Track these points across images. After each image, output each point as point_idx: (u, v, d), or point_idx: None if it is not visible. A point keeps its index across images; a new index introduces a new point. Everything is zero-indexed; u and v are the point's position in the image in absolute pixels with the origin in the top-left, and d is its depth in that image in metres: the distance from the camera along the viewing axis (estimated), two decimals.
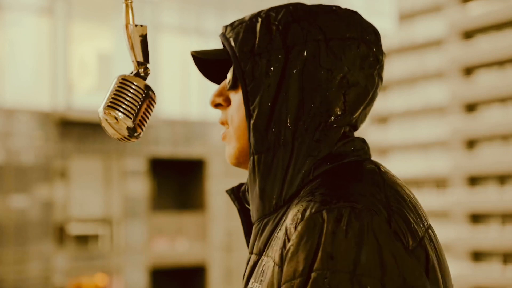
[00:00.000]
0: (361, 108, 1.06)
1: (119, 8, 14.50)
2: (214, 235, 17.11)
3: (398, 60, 44.69)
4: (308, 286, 0.89)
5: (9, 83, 14.89)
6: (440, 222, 39.84)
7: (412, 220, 0.95)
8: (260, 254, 1.05)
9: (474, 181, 39.89)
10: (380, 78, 1.09)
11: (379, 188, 0.97)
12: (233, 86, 1.10)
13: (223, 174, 17.07)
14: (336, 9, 1.08)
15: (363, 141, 1.08)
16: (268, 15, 1.07)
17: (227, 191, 1.17)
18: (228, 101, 1.12)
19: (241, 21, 1.09)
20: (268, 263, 0.99)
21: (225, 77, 1.15)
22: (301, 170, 1.02)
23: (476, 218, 39.21)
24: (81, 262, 15.26)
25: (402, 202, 0.97)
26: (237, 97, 1.09)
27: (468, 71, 40.99)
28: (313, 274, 0.89)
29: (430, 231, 1.00)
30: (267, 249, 1.02)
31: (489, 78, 39.63)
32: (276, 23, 1.05)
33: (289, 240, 0.94)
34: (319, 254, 0.89)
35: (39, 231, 14.79)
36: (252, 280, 1.03)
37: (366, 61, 1.05)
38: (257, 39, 1.05)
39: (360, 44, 1.05)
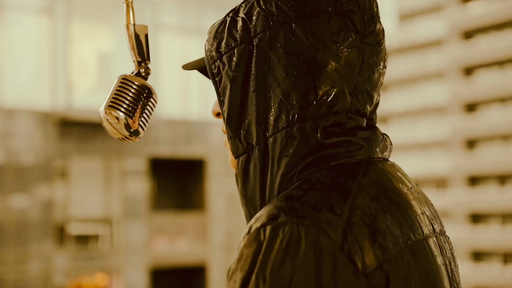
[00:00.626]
0: (345, 88, 0.92)
1: (119, 8, 14.51)
2: (214, 235, 17.11)
3: (398, 60, 44.70)
4: None
5: (9, 83, 14.89)
6: None
7: (379, 238, 0.83)
8: None
9: (474, 181, 39.90)
10: (371, 47, 0.94)
11: (344, 200, 0.84)
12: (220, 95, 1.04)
13: (223, 174, 17.07)
14: None
15: (367, 138, 0.93)
16: (237, 9, 0.98)
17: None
18: None
19: (218, 21, 1.02)
20: None
21: None
22: (278, 172, 0.91)
23: (476, 218, 39.22)
24: (81, 262, 15.27)
25: (373, 216, 0.84)
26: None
27: (468, 71, 41.00)
28: None
29: (424, 243, 0.88)
30: None
31: (489, 78, 39.64)
32: (243, 14, 0.96)
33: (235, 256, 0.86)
34: (253, 276, 0.80)
35: (39, 231, 14.79)
36: None
37: (342, 33, 0.91)
38: (224, 37, 0.97)
39: (331, 16, 0.92)
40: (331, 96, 0.91)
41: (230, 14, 0.98)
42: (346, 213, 0.83)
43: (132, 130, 1.07)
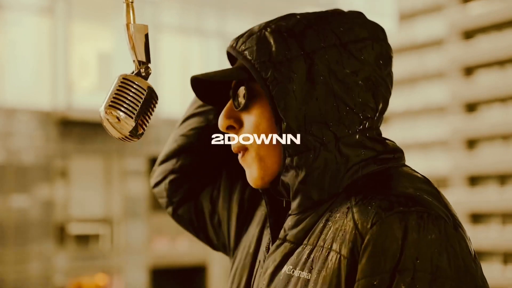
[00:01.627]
0: (386, 107, 1.09)
1: (119, 8, 14.50)
2: None
3: (399, 60, 44.68)
4: (394, 283, 0.93)
5: (10, 82, 14.89)
6: None
7: (465, 229, 1.01)
8: (297, 243, 1.05)
9: (474, 181, 39.89)
10: (392, 76, 1.11)
11: (437, 197, 1.01)
12: (246, 107, 1.10)
13: None
14: (341, 12, 1.10)
15: (399, 147, 1.12)
16: (278, 25, 1.07)
17: (261, 191, 1.15)
18: (239, 123, 1.11)
19: (250, 33, 1.09)
20: (324, 253, 1.00)
21: (225, 98, 1.16)
22: (347, 169, 1.04)
23: (476, 218, 39.21)
24: (82, 262, 15.26)
25: (453, 211, 1.02)
26: (252, 118, 1.09)
27: (469, 71, 40.99)
28: (397, 273, 0.93)
29: None
30: (310, 238, 1.04)
31: (489, 78, 39.63)
32: (289, 31, 1.06)
33: (361, 236, 0.96)
34: (404, 254, 0.93)
35: (40, 231, 14.79)
36: (289, 266, 1.04)
37: (383, 59, 1.07)
38: (273, 48, 1.05)
39: (373, 43, 1.07)
40: (383, 111, 1.08)
41: (272, 27, 1.07)
42: (444, 208, 1.00)
43: (132, 129, 1.08)
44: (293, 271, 1.03)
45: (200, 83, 1.16)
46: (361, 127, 1.05)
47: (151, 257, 16.16)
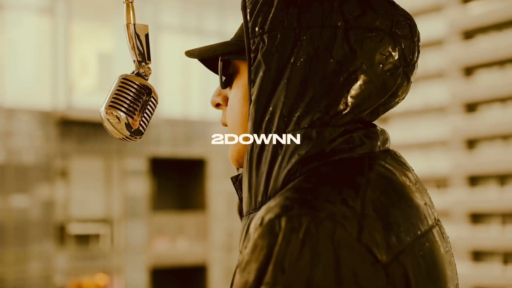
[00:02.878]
0: (371, 107, 0.94)
1: (119, 8, 14.51)
2: (215, 235, 17.11)
3: None
4: None
5: (10, 82, 14.90)
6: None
7: (393, 230, 0.84)
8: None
9: (474, 180, 39.90)
10: (407, 78, 0.96)
11: (356, 193, 0.85)
12: (225, 84, 1.03)
13: (224, 174, 17.07)
14: None
15: (367, 134, 0.95)
16: None
17: (232, 178, 1.07)
18: (226, 100, 1.05)
19: None
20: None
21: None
22: (285, 168, 0.91)
23: (477, 218, 39.22)
24: (82, 262, 15.27)
25: (385, 209, 0.85)
26: (231, 95, 1.02)
27: (469, 71, 41.00)
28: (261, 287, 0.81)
29: (429, 235, 0.90)
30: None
31: (489, 78, 39.64)
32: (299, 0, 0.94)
33: (246, 247, 0.85)
34: (270, 266, 0.80)
35: (40, 231, 14.79)
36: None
37: (389, 57, 0.93)
38: (271, 14, 0.94)
39: (384, 37, 0.93)
40: (357, 112, 0.93)
41: None
42: (359, 206, 0.84)
43: (132, 130, 1.08)
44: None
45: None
46: (316, 121, 0.91)
47: (151, 257, 16.16)
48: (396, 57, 0.94)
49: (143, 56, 1.11)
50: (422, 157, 43.18)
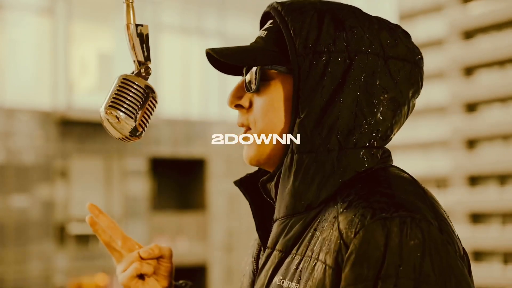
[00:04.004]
0: (398, 131, 1.09)
1: (119, 8, 14.51)
2: (215, 235, 17.11)
3: None
4: None
5: (10, 82, 14.89)
6: None
7: (453, 228, 0.99)
8: (286, 252, 1.03)
9: (474, 181, 39.89)
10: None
11: (424, 199, 0.98)
12: (257, 90, 1.06)
13: (224, 174, 17.07)
14: (394, 27, 1.06)
15: (385, 149, 1.09)
16: (333, 12, 1.03)
17: (235, 182, 1.14)
18: (249, 103, 1.09)
19: (301, 6, 1.04)
20: (312, 263, 0.98)
21: (241, 70, 1.12)
22: (340, 180, 1.02)
23: (477, 218, 39.21)
24: (82, 262, 15.27)
25: (441, 210, 0.99)
26: (262, 100, 1.06)
27: (469, 71, 40.99)
28: (380, 280, 0.91)
29: None
30: (299, 248, 1.02)
31: (489, 78, 39.63)
32: (341, 23, 1.02)
33: (346, 245, 0.94)
34: (386, 261, 0.91)
35: (40, 231, 14.79)
36: (279, 277, 1.02)
37: (414, 85, 1.06)
38: (321, 35, 1.01)
39: (412, 67, 1.05)
40: (392, 134, 1.07)
41: (324, 9, 1.03)
42: (430, 209, 0.97)
43: (132, 130, 1.08)
44: (282, 282, 1.02)
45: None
46: (369, 143, 1.03)
47: None
48: (418, 84, 1.08)
49: (143, 56, 1.11)
50: (422, 157, 43.17)
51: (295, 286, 0.99)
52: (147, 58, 1.11)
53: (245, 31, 17.32)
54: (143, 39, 1.11)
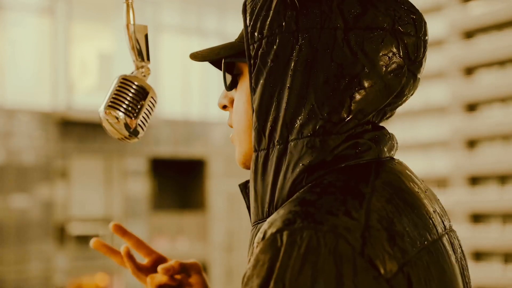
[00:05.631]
0: (375, 110, 0.91)
1: (119, 8, 14.51)
2: (215, 235, 17.11)
3: None
4: None
5: (10, 83, 14.90)
6: None
7: (398, 241, 0.81)
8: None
9: (474, 181, 39.91)
10: (413, 76, 0.93)
11: (360, 204, 0.82)
12: (230, 87, 1.01)
13: (224, 174, 17.07)
14: None
15: (374, 138, 0.92)
16: None
17: (239, 185, 1.04)
18: (232, 102, 1.02)
19: None
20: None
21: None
22: (290, 178, 0.89)
23: (477, 218, 39.23)
24: (82, 262, 15.27)
25: (390, 218, 0.82)
26: (236, 98, 1.00)
27: (469, 71, 41.01)
28: None
29: (439, 242, 0.88)
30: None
31: (489, 78, 39.65)
32: (295, 2, 0.90)
33: (249, 261, 0.83)
34: (271, 282, 0.78)
35: (40, 231, 14.79)
36: None
37: (392, 58, 0.89)
38: (269, 18, 0.91)
39: (386, 36, 0.89)
40: (361, 117, 0.89)
41: None
42: (363, 217, 0.81)
43: (131, 130, 1.07)
44: None
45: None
46: (315, 131, 0.88)
47: None
48: (400, 56, 0.90)
49: (143, 56, 1.11)
50: (422, 157, 43.19)
51: None
52: (147, 58, 1.12)
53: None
54: (143, 40, 1.11)
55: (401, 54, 0.90)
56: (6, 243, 14.49)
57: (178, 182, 17.83)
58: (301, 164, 0.88)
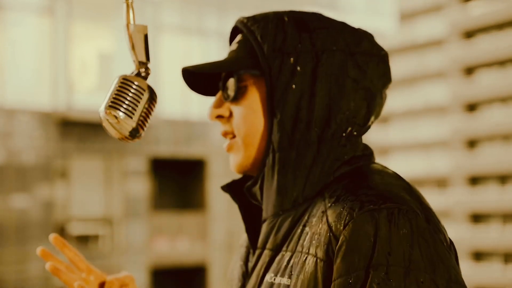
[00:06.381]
0: (375, 119, 1.12)
1: (119, 8, 14.51)
2: (215, 235, 17.11)
3: (399, 60, 44.69)
4: (369, 279, 0.94)
5: (10, 83, 14.90)
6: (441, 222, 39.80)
7: (438, 219, 1.03)
8: (277, 250, 1.06)
9: (474, 181, 39.91)
10: (386, 96, 1.15)
11: (409, 192, 1.02)
12: (235, 98, 1.11)
13: (224, 174, 17.07)
14: (356, 28, 1.12)
15: (365, 144, 1.13)
16: (296, 16, 1.10)
17: (222, 188, 1.17)
18: (229, 112, 1.14)
19: (265, 16, 1.11)
20: (302, 258, 1.01)
21: (216, 88, 1.19)
22: (326, 172, 1.06)
23: (477, 218, 39.24)
24: None
25: (426, 203, 1.03)
26: (241, 108, 1.11)
27: (469, 70, 41.01)
28: (371, 269, 0.94)
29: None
30: (289, 244, 1.04)
31: (489, 77, 39.65)
32: (305, 25, 1.08)
33: (335, 237, 0.97)
34: (376, 250, 0.94)
35: (40, 231, 14.79)
36: (271, 274, 1.05)
37: (383, 78, 1.10)
38: (287, 38, 1.07)
39: (379, 62, 1.10)
40: (370, 124, 1.11)
41: (290, 15, 1.10)
42: (416, 201, 1.00)
43: (132, 130, 1.08)
44: (274, 279, 1.04)
45: (191, 74, 1.21)
46: (346, 132, 1.07)
47: (151, 257, 16.16)
48: (387, 77, 1.11)
49: (143, 56, 1.11)
50: (422, 157, 43.19)
51: (286, 281, 1.02)
52: (147, 58, 1.12)
53: None
54: (143, 40, 1.11)
55: (388, 76, 1.12)
56: (6, 243, 14.49)
57: (178, 182, 17.83)
58: (337, 160, 1.06)
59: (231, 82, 1.12)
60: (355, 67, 1.07)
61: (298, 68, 1.05)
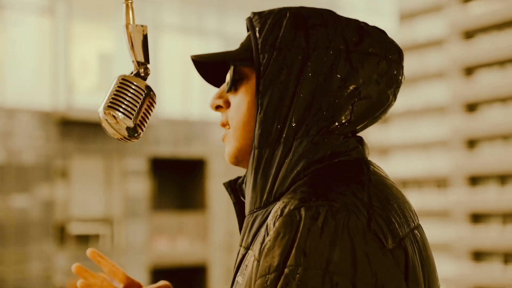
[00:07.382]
0: (367, 119, 1.09)
1: (119, 8, 14.49)
2: (215, 235, 17.11)
3: None
4: (280, 281, 0.91)
5: (10, 82, 14.90)
6: (441, 222, 39.81)
7: (394, 221, 0.97)
8: (247, 248, 1.07)
9: (474, 181, 39.89)
10: (395, 97, 1.12)
11: (362, 188, 0.99)
12: (232, 89, 1.12)
13: (224, 174, 17.06)
14: (363, 25, 1.10)
15: (358, 140, 1.09)
16: (298, 12, 1.09)
17: (224, 184, 1.20)
18: (227, 104, 1.14)
19: (270, 12, 1.11)
20: (251, 257, 1.01)
21: (224, 80, 1.19)
22: (294, 170, 1.04)
23: (477, 218, 39.22)
24: (82, 262, 15.16)
25: (385, 203, 0.98)
26: (236, 99, 1.12)
27: (469, 70, 40.99)
28: (286, 270, 0.91)
29: (417, 231, 1.02)
30: (252, 243, 1.05)
31: (490, 77, 39.63)
32: (304, 22, 1.08)
33: (267, 236, 0.96)
34: (293, 250, 0.92)
35: (40, 231, 14.79)
36: (238, 273, 1.07)
37: (384, 77, 1.08)
38: (281, 34, 1.07)
39: (381, 61, 1.08)
40: (358, 122, 1.07)
41: (293, 11, 1.09)
42: (366, 197, 0.97)
43: (130, 130, 1.08)
44: (239, 278, 1.06)
45: (202, 65, 1.20)
46: (320, 130, 1.04)
47: (152, 257, 16.16)
48: (390, 79, 1.09)
49: (142, 56, 1.11)
50: (422, 157, 43.17)
51: (241, 281, 1.03)
52: (146, 58, 1.12)
53: (245, 31, 17.28)
54: (142, 40, 1.11)
55: (390, 77, 1.09)
56: (6, 243, 14.49)
57: (178, 182, 17.82)
58: (305, 159, 1.03)
59: (230, 72, 1.13)
60: (346, 66, 1.05)
61: (286, 65, 1.05)
